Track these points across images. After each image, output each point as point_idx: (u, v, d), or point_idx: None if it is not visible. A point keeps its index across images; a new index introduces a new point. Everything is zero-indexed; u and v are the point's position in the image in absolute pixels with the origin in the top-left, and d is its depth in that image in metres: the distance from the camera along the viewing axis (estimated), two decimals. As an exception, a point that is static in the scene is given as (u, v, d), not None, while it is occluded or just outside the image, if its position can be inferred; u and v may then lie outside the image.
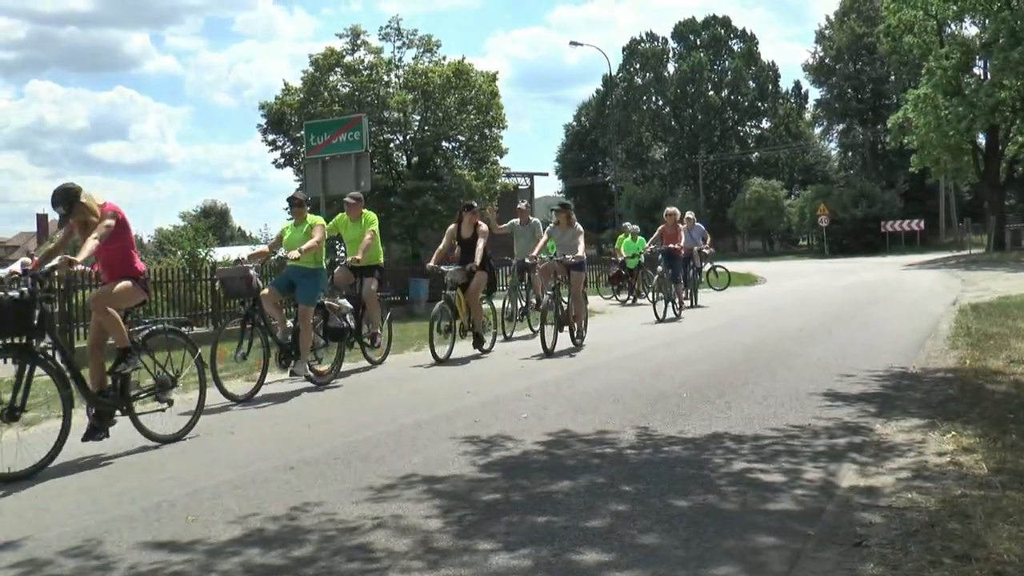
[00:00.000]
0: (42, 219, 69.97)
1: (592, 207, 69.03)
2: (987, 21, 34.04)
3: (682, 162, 69.05)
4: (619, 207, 54.57)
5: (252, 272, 8.17)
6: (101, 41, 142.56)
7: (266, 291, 8.47)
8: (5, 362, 6.44)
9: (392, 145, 24.60)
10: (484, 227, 11.02)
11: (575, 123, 76.72)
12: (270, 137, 25.05)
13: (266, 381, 8.39)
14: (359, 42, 24.38)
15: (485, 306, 11.11)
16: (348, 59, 24.13)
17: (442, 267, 10.69)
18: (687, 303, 16.55)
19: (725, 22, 70.86)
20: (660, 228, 15.41)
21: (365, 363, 10.03)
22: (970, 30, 37.59)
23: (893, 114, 38.93)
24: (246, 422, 7.01)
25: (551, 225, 11.69)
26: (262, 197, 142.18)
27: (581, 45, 51.61)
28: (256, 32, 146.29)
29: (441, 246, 11.14)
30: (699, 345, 10.85)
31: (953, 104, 33.29)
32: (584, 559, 3.59)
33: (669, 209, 15.83)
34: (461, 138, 24.50)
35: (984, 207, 43.20)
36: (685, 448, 5.44)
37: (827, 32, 63.07)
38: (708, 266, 22.32)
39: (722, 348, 10.44)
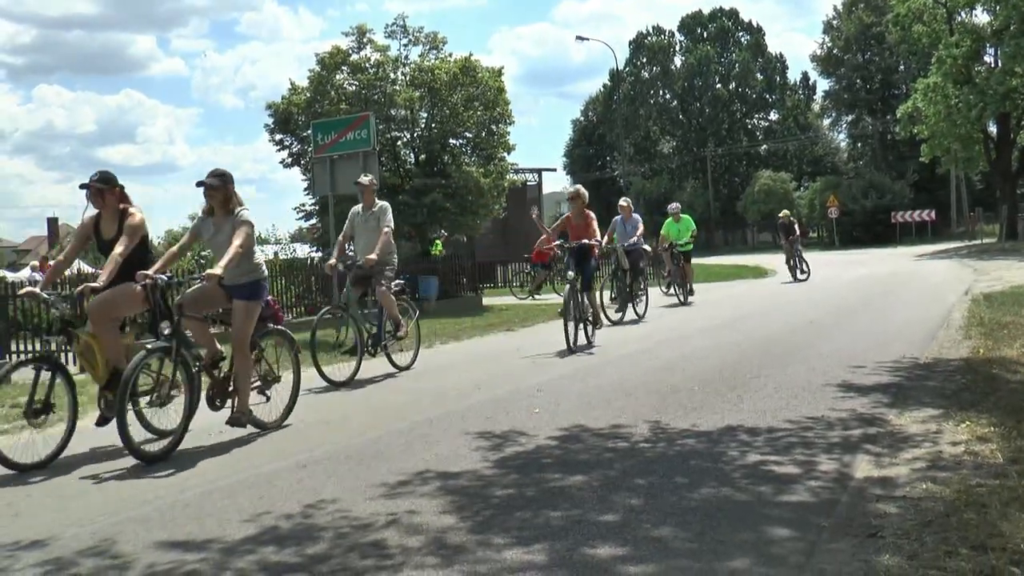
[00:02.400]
0: (52, 223, 70.25)
1: (601, 202, 68.90)
2: (998, 8, 33.71)
3: (690, 156, 68.85)
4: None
5: None
6: (107, 44, 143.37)
7: None
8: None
9: (400, 143, 24.59)
10: (137, 217, 6.27)
11: (582, 118, 76.60)
12: (277, 137, 25.07)
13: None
14: (365, 40, 24.38)
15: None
16: (354, 57, 24.13)
17: (44, 293, 6.16)
18: (630, 313, 13.59)
19: (732, 14, 70.60)
20: (563, 218, 11.47)
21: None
22: (981, 17, 37.27)
23: (902, 104, 38.73)
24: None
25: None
26: (270, 197, 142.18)
27: (587, 40, 51.27)
28: (261, 33, 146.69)
29: (64, 251, 7.20)
30: (710, 339, 10.81)
31: (963, 93, 33.05)
32: (598, 553, 3.59)
33: (574, 188, 11.58)
34: (468, 135, 24.47)
35: (996, 196, 42.93)
36: (699, 441, 5.43)
37: (835, 22, 62.71)
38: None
39: (733, 341, 10.40)
